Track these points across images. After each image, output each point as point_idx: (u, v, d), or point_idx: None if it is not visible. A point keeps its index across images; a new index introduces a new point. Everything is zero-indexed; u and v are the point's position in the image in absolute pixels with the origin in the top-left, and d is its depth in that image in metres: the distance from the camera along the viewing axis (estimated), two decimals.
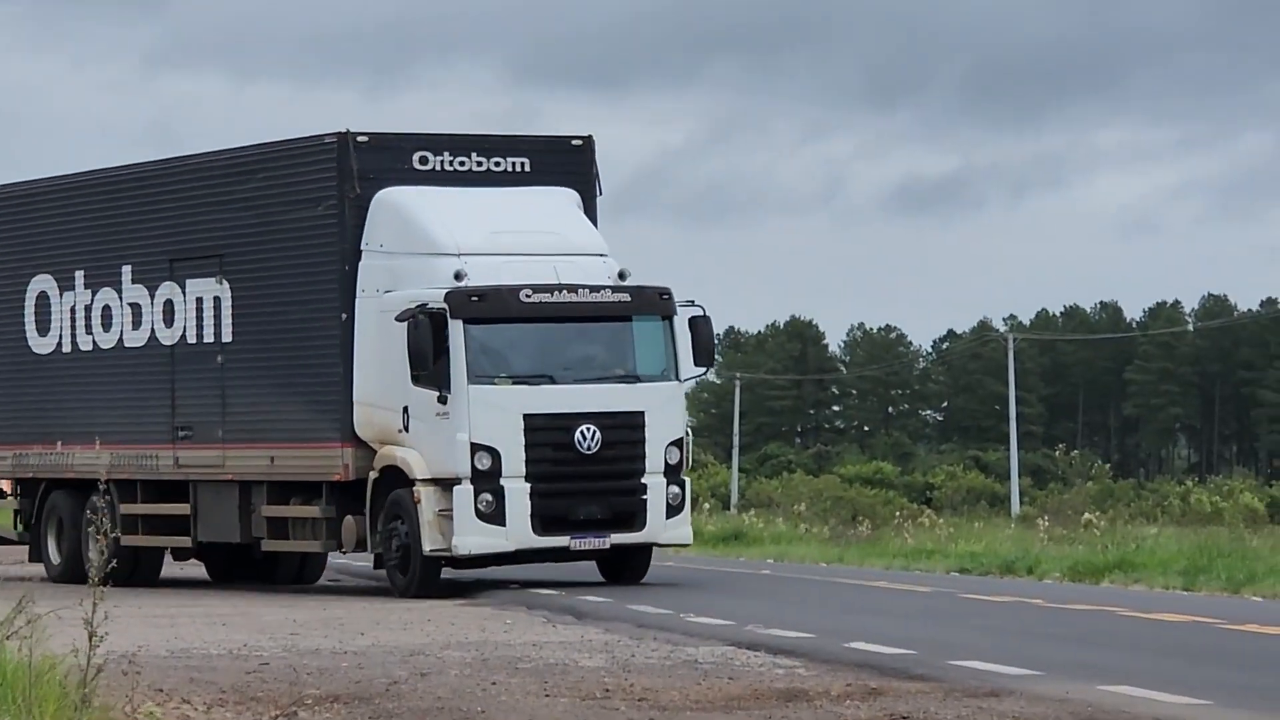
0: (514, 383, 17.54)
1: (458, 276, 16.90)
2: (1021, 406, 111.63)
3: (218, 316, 19.27)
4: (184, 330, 19.83)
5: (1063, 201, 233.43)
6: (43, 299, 21.86)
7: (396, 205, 17.89)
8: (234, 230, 19.27)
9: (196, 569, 22.34)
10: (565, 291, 17.26)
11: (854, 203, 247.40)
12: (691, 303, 18.12)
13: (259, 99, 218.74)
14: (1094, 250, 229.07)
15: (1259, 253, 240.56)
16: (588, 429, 17.15)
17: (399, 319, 17.00)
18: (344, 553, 18.74)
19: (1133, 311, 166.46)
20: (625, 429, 17.54)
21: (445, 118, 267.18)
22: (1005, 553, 28.17)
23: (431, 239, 17.64)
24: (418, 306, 16.81)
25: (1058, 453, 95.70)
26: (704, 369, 18.83)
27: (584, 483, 17.37)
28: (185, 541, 20.77)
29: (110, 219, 21.19)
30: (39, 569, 22.42)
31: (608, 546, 17.66)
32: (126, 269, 20.69)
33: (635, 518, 17.53)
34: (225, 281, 19.16)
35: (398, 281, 17.42)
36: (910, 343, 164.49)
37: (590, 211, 18.86)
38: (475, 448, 16.77)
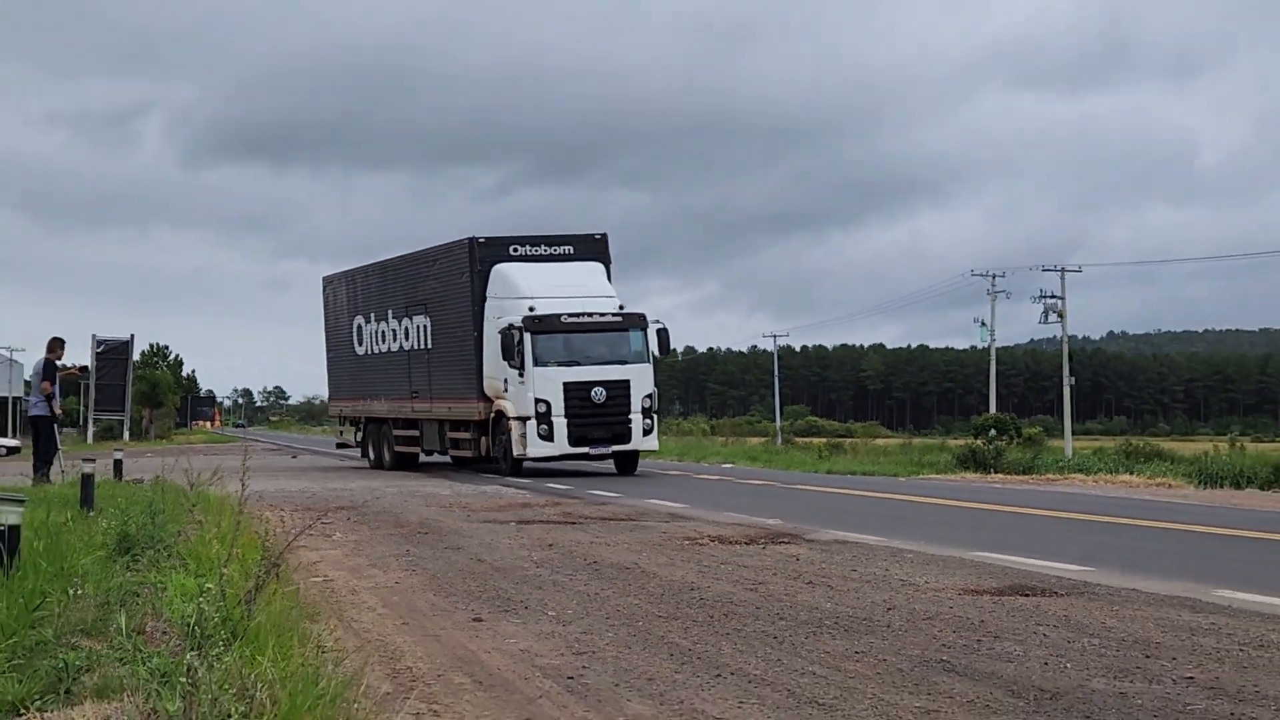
0: (558, 365, 28.53)
1: (531, 309, 28.48)
2: None
3: (425, 335, 32.88)
4: (413, 343, 33.62)
5: None
6: (359, 328, 37.35)
7: (503, 272, 29.87)
8: (430, 289, 32.71)
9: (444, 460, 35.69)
10: (587, 317, 28.87)
11: None
12: (657, 321, 29.87)
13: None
14: None
15: None
16: (599, 390, 28.60)
17: (500, 332, 28.59)
18: (484, 455, 30.53)
19: None
20: (619, 389, 28.84)
21: None
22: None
23: (519, 290, 29.25)
24: (508, 326, 28.32)
25: None
26: (663, 356, 31.01)
27: (596, 419, 28.67)
28: (416, 450, 35.17)
29: (385, 287, 36.01)
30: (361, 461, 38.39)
31: (610, 453, 29.42)
32: (390, 311, 35.19)
33: (624, 437, 29.02)
34: (428, 316, 32.71)
35: (503, 314, 28.90)
36: None
37: (607, 273, 30.95)
38: (537, 400, 28.25)
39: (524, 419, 28.33)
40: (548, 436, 28.19)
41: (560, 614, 9.52)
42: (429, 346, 32.85)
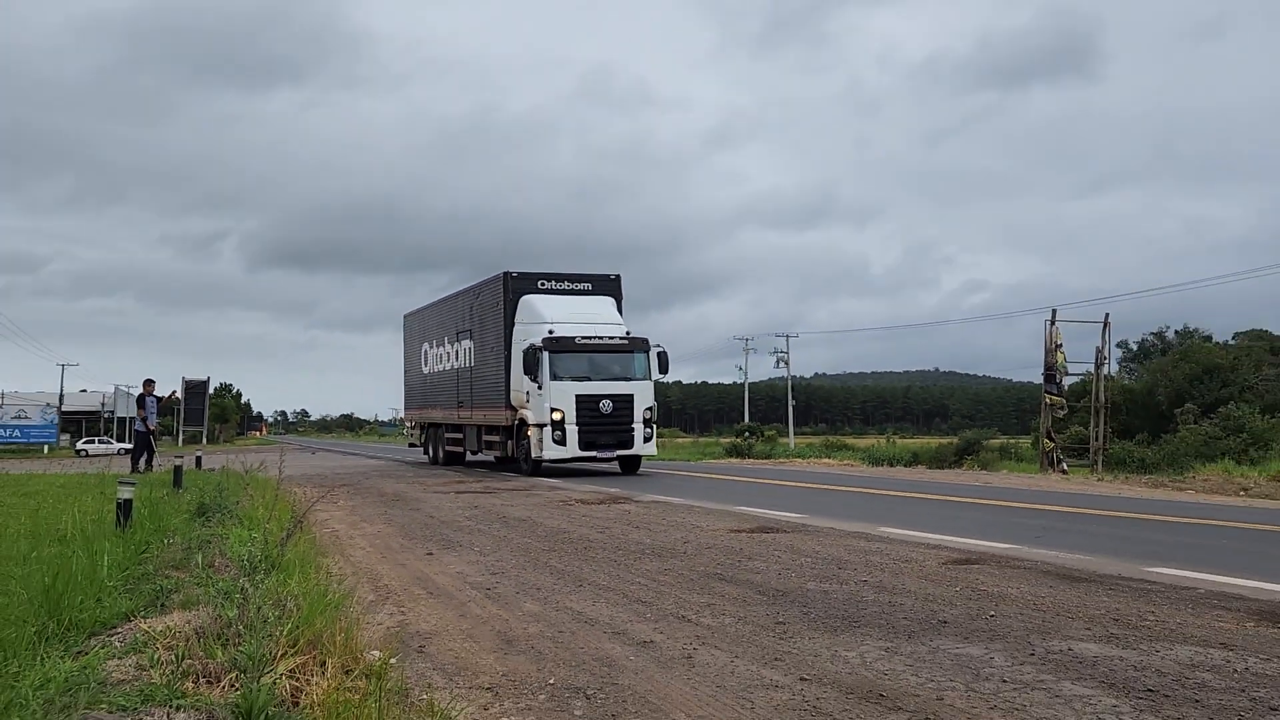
0: (572, 380, 21.62)
1: (550, 332, 21.74)
2: None
3: (470, 355, 25.98)
4: (461, 362, 26.75)
5: None
6: (425, 352, 30.42)
7: (529, 301, 23.19)
8: (473, 318, 25.81)
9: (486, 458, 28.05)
10: (598, 339, 22.09)
11: None
12: (658, 345, 22.91)
13: None
14: None
15: None
16: (606, 401, 21.60)
17: (523, 350, 22.01)
18: (510, 456, 23.47)
19: None
20: (624, 402, 21.83)
21: None
22: None
23: (542, 316, 22.46)
24: (530, 345, 21.72)
25: None
26: (663, 375, 23.08)
27: (604, 427, 21.63)
28: (462, 450, 27.61)
29: (442, 318, 28.78)
30: (424, 458, 31.27)
31: (615, 456, 22.15)
32: (446, 337, 28.26)
33: (628, 443, 21.91)
34: (472, 340, 25.84)
35: (528, 336, 22.20)
36: None
37: (619, 306, 24.06)
38: (553, 410, 21.44)
39: (541, 426, 21.88)
40: (561, 441, 21.66)
41: (482, 549, 9.42)
42: (472, 365, 26.06)
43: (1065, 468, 26.35)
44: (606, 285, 24.48)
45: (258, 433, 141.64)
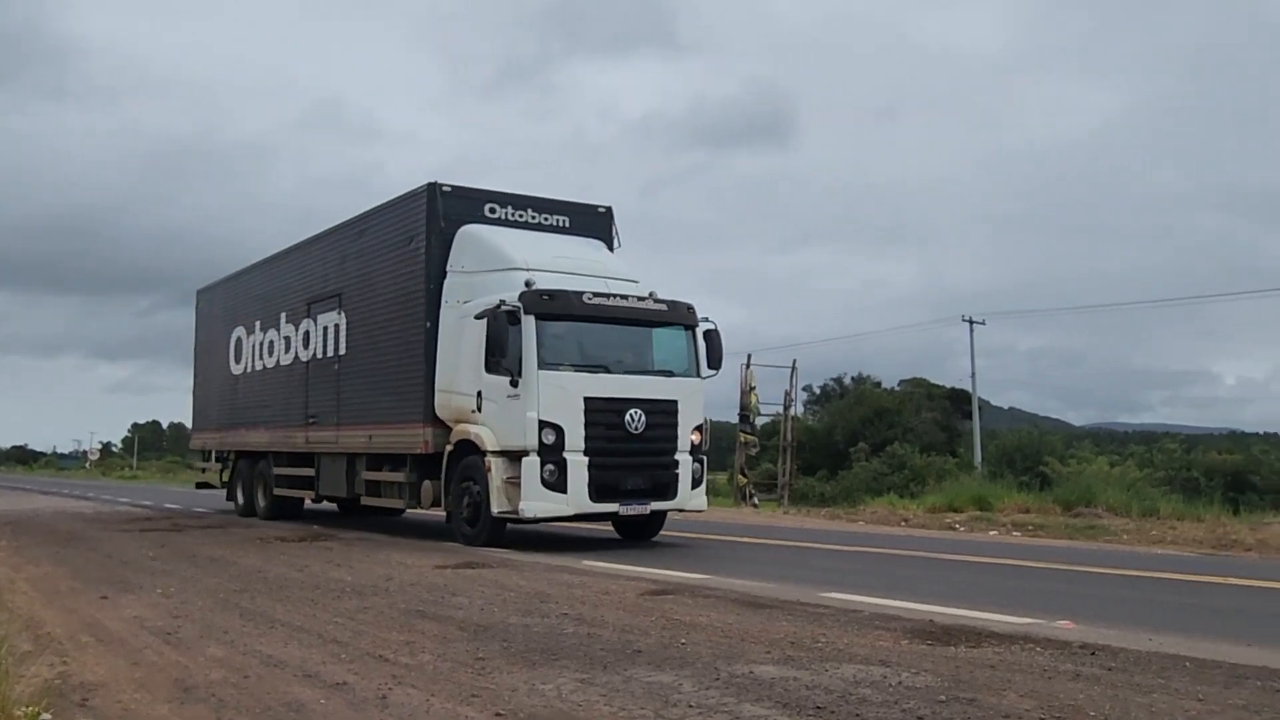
0: (574, 370, 12.47)
1: (528, 285, 12.41)
2: None
3: (337, 338, 16.05)
4: (314, 350, 16.75)
5: None
6: (238, 341, 19.81)
7: (477, 235, 13.71)
8: (350, 273, 15.83)
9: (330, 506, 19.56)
10: (618, 298, 12.87)
11: None
12: (706, 319, 13.52)
13: None
14: None
15: None
16: (635, 412, 12.46)
17: (478, 317, 12.62)
18: (422, 509, 14.02)
19: None
20: (663, 414, 12.77)
21: None
22: None
23: (507, 257, 13.23)
24: (498, 305, 12.29)
25: None
26: (714, 371, 13.61)
27: (631, 458, 12.52)
28: (310, 494, 17.44)
29: (273, 286, 18.60)
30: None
31: (648, 512, 12.83)
32: (282, 315, 17.99)
33: (669, 488, 12.76)
34: (342, 313, 15.92)
35: (475, 293, 13.10)
36: None
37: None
38: (543, 425, 12.01)
39: (515, 455, 12.20)
40: (556, 484, 12.05)
41: (165, 591, 8.68)
42: (340, 353, 15.93)
43: (757, 501, 27.87)
44: (592, 222, 14.96)
45: None
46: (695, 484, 12.99)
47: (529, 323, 12.20)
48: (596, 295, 12.63)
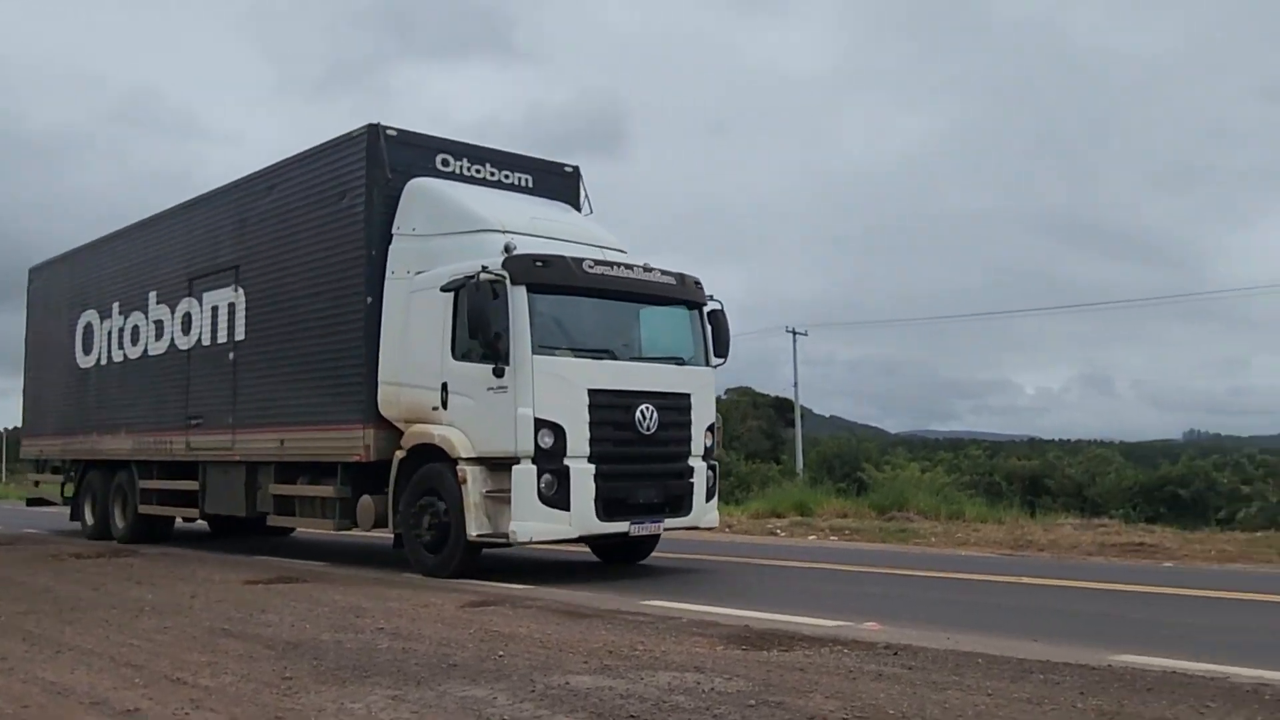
0: (574, 356, 9.87)
1: (508, 249, 9.67)
2: None
3: (231, 320, 13.09)
4: (199, 336, 13.76)
5: None
6: (88, 328, 16.47)
7: (434, 190, 11.04)
8: (250, 244, 12.93)
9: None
10: (622, 268, 10.36)
11: None
12: (712, 297, 11.21)
13: None
14: None
15: None
16: (647, 408, 9.96)
17: (446, 289, 10.03)
18: (361, 531, 11.13)
19: None
20: (676, 410, 10.33)
21: None
22: None
23: (477, 217, 10.58)
24: (480, 273, 9.58)
25: None
26: (723, 359, 11.17)
27: (644, 464, 10.06)
28: (194, 513, 14.11)
29: (138, 260, 15.35)
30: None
31: (661, 531, 10.49)
32: (152, 294, 14.89)
33: (684, 501, 10.43)
34: (240, 289, 12.96)
35: (432, 261, 10.45)
36: None
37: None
38: (539, 424, 9.35)
39: (497, 461, 9.45)
40: (557, 498, 9.32)
41: None
42: (237, 339, 12.89)
43: None
44: (557, 184, 12.64)
45: None
46: (709, 495, 10.70)
47: (518, 295, 9.55)
48: (599, 264, 10.17)
